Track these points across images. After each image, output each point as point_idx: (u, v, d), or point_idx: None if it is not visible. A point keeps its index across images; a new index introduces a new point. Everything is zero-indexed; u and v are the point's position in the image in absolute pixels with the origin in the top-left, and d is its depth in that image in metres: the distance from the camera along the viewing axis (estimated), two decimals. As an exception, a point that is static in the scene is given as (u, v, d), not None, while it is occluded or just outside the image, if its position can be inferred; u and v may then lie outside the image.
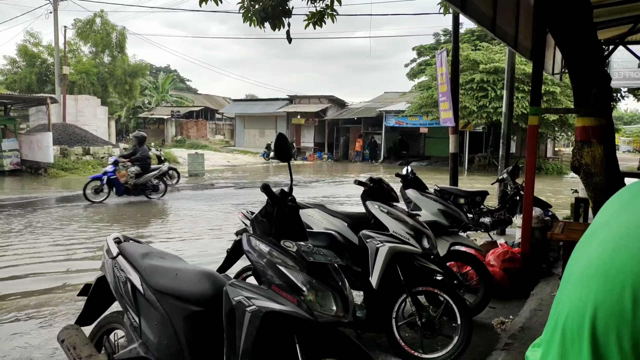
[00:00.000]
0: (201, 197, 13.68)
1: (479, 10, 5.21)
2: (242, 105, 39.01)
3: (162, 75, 44.68)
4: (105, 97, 31.08)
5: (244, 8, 6.14)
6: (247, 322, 1.91)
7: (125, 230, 8.56)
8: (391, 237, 3.32)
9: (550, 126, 22.88)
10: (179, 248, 7.22)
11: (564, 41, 4.39)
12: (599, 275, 0.51)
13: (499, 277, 4.63)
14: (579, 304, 0.51)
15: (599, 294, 0.49)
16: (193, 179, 18.59)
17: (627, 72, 14.33)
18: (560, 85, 19.93)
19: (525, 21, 6.51)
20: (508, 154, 8.52)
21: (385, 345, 3.40)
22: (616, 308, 0.47)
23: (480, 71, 22.23)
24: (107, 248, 2.71)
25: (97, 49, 30.69)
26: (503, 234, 7.34)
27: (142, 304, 2.35)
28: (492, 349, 3.39)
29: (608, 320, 0.48)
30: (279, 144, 2.23)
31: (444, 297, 3.30)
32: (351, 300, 2.05)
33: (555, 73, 8.84)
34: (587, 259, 0.56)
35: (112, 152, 20.77)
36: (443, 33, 31.61)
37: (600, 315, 0.48)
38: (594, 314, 0.49)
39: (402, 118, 28.79)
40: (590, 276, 0.52)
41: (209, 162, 23.13)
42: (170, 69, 56.57)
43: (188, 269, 2.42)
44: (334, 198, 13.46)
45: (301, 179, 19.42)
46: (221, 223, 9.39)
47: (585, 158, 4.18)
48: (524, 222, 4.83)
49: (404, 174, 4.60)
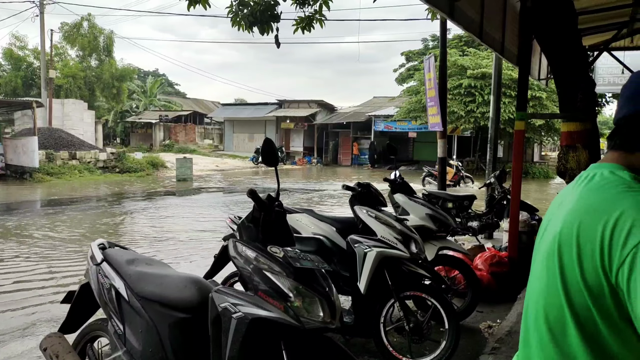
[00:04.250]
0: (189, 202, 13.59)
1: (467, 16, 5.26)
2: (231, 109, 38.91)
3: (151, 79, 44.39)
4: (92, 101, 30.80)
5: (232, 12, 6.13)
6: (233, 328, 1.89)
7: (107, 237, 8.46)
8: (379, 241, 3.31)
9: (537, 131, 23.15)
10: (166, 254, 7.15)
11: (550, 47, 4.44)
12: (563, 228, 0.85)
13: (486, 281, 4.65)
14: (551, 234, 0.88)
15: (562, 235, 0.85)
16: (181, 184, 18.47)
17: (611, 78, 14.57)
18: (546, 91, 20.20)
19: (511, 27, 6.59)
20: (495, 158, 8.60)
21: (374, 350, 3.39)
22: (568, 237, 0.83)
23: (468, 76, 22.46)
24: (91, 254, 2.66)
25: (84, 52, 30.40)
26: (491, 238, 7.39)
27: (127, 311, 2.32)
28: (479, 353, 3.39)
29: (566, 241, 0.84)
30: (266, 148, 2.22)
31: (431, 301, 3.30)
32: (338, 306, 2.03)
33: (541, 79, 8.95)
34: (552, 229, 0.89)
35: (99, 156, 20.57)
36: (431, 39, 31.89)
37: (563, 239, 0.85)
38: (560, 240, 0.85)
39: (391, 122, 28.93)
40: (556, 231, 0.86)
41: (197, 166, 23.00)
42: (158, 73, 56.23)
43: (174, 276, 2.39)
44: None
45: (297, 185, 19.38)
46: (209, 228, 9.33)
47: (571, 162, 4.23)
48: (511, 226, 4.86)
49: (392, 178, 4.61)
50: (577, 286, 0.81)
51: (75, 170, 19.04)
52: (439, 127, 7.83)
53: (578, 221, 0.81)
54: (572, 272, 0.82)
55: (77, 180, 18.03)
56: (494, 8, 6.05)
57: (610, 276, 0.76)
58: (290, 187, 17.90)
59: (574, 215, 0.83)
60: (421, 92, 22.96)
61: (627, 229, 0.74)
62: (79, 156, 19.97)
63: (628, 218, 0.75)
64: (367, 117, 30.74)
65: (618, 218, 0.76)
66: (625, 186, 0.82)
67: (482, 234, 7.24)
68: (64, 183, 17.21)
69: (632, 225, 0.74)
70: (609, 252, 0.75)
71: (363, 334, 3.43)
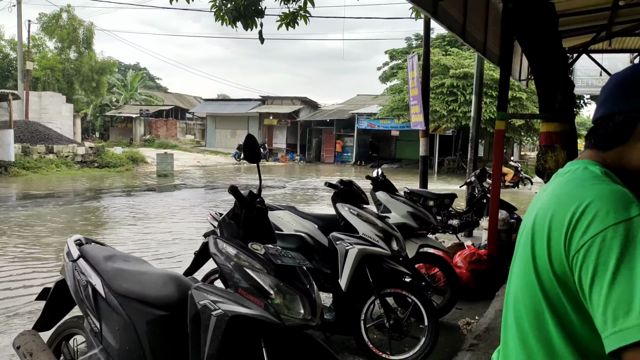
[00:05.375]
0: (169, 197, 13.44)
1: (450, 16, 5.30)
2: (214, 105, 38.56)
3: (131, 73, 43.68)
4: (70, 94, 30.18)
5: (215, 7, 6.07)
6: (213, 326, 1.87)
7: (84, 233, 8.31)
8: (361, 239, 3.32)
9: (517, 131, 23.53)
10: (145, 251, 7.06)
11: (531, 48, 4.50)
12: (537, 218, 0.88)
13: (465, 278, 4.70)
14: (527, 226, 0.91)
15: (535, 225, 0.88)
16: (162, 179, 18.24)
17: (589, 80, 14.89)
18: (526, 91, 20.52)
19: (494, 28, 6.67)
20: (476, 157, 8.71)
21: (354, 347, 3.40)
22: (541, 227, 0.85)
23: (451, 76, 22.68)
24: (67, 250, 2.61)
25: (63, 44, 29.77)
26: (470, 235, 7.49)
27: (104, 308, 2.27)
28: (458, 350, 3.43)
29: (538, 231, 0.86)
30: (248, 145, 2.20)
31: (412, 298, 3.32)
32: (319, 304, 2.03)
33: (521, 79, 9.09)
34: (528, 222, 0.92)
35: (77, 150, 20.18)
36: (415, 37, 32.13)
37: (536, 229, 0.87)
38: (533, 230, 0.88)
39: (374, 121, 29.04)
40: (530, 223, 0.90)
41: (178, 162, 22.75)
42: (139, 67, 55.39)
43: (153, 272, 2.35)
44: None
45: (280, 181, 19.32)
46: (189, 224, 9.23)
47: (549, 162, 4.30)
48: (490, 224, 4.93)
49: (374, 176, 4.62)
50: (548, 274, 0.83)
51: (52, 164, 18.64)
52: (422, 125, 7.88)
53: (551, 211, 0.84)
54: (543, 260, 0.84)
55: (54, 175, 17.65)
56: (477, 9, 6.11)
57: (569, 261, 0.79)
58: (272, 183, 17.84)
59: (546, 206, 0.86)
60: (404, 90, 23.12)
61: (589, 219, 0.77)
62: (57, 150, 19.54)
63: (592, 209, 0.77)
64: (351, 115, 30.81)
65: (585, 207, 0.78)
66: (595, 179, 0.85)
67: (462, 232, 7.33)
68: (41, 177, 16.84)
69: (594, 216, 0.76)
70: (571, 238, 0.78)
71: (344, 331, 3.44)
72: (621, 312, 0.70)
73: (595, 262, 0.74)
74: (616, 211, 0.76)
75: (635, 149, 0.88)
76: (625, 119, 0.88)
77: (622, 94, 0.90)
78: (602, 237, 0.74)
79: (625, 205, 0.77)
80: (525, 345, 0.89)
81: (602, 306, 0.72)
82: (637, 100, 0.87)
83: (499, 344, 1.02)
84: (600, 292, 0.73)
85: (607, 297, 0.72)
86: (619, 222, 0.74)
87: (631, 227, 0.74)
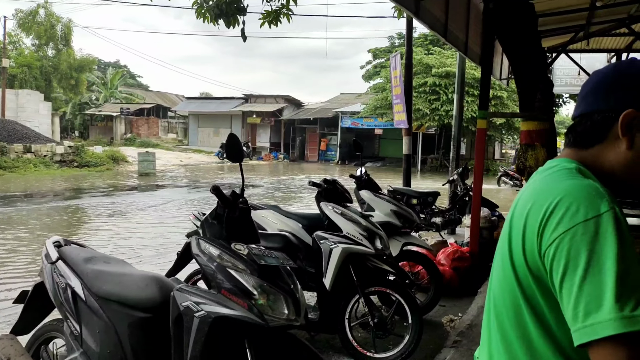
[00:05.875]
0: (151, 197, 13.28)
1: (432, 15, 5.33)
2: (196, 103, 38.18)
3: (111, 71, 42.97)
4: (48, 92, 29.56)
5: (197, 4, 6.00)
6: (196, 328, 1.85)
7: (63, 234, 8.16)
8: (345, 238, 3.33)
9: (498, 129, 23.84)
10: (126, 252, 6.96)
11: (511, 48, 4.56)
12: (514, 215, 0.89)
13: (448, 275, 4.75)
14: (504, 230, 0.92)
15: (512, 222, 0.89)
16: (143, 179, 18.01)
17: (568, 79, 15.14)
18: (507, 90, 20.80)
19: (475, 28, 6.74)
20: (458, 155, 8.80)
21: (339, 346, 3.40)
22: (518, 223, 0.86)
23: (433, 75, 22.86)
24: (45, 252, 2.55)
25: (40, 41, 29.14)
26: (453, 233, 7.56)
27: (84, 311, 2.23)
28: (441, 347, 3.47)
29: (515, 226, 0.87)
30: (231, 144, 2.18)
31: (395, 297, 3.34)
32: (303, 303, 2.02)
33: (502, 78, 9.21)
34: (507, 220, 0.92)
35: (56, 150, 19.78)
36: (398, 36, 32.29)
37: (514, 225, 0.88)
38: (510, 226, 0.89)
39: (357, 119, 29.12)
40: (508, 220, 0.92)
41: (160, 161, 22.48)
42: (119, 64, 54.52)
43: (134, 274, 2.32)
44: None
45: (263, 180, 19.23)
46: (172, 224, 9.13)
47: (530, 160, 4.37)
48: (473, 222, 4.98)
49: (358, 175, 4.63)
50: (524, 270, 0.85)
51: (30, 164, 18.24)
52: (405, 124, 7.93)
53: (527, 208, 0.85)
54: (519, 256, 0.85)
55: (32, 175, 17.28)
56: (458, 8, 6.16)
57: (541, 257, 0.80)
58: (256, 182, 17.76)
59: (523, 204, 0.87)
60: (387, 89, 23.23)
61: (560, 215, 0.78)
62: (34, 149, 19.13)
63: (563, 204, 0.78)
64: (334, 114, 30.83)
65: (557, 203, 0.79)
66: (569, 175, 0.86)
67: (446, 230, 7.40)
68: (18, 177, 16.47)
69: (565, 212, 0.78)
70: (542, 234, 0.80)
71: (328, 330, 3.44)
72: (592, 307, 0.71)
73: (565, 259, 0.75)
74: (586, 207, 0.77)
75: (612, 148, 0.89)
76: (603, 118, 0.89)
77: (601, 92, 0.90)
78: (572, 234, 0.75)
79: (596, 201, 0.77)
80: (506, 341, 0.90)
81: (572, 301, 0.73)
82: (616, 100, 0.87)
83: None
84: (571, 288, 0.74)
85: (578, 293, 0.73)
86: (589, 219, 0.75)
87: (600, 223, 0.75)
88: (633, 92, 0.86)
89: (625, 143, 0.87)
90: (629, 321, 0.68)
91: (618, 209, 0.78)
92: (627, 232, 0.76)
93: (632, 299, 0.70)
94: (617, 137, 0.87)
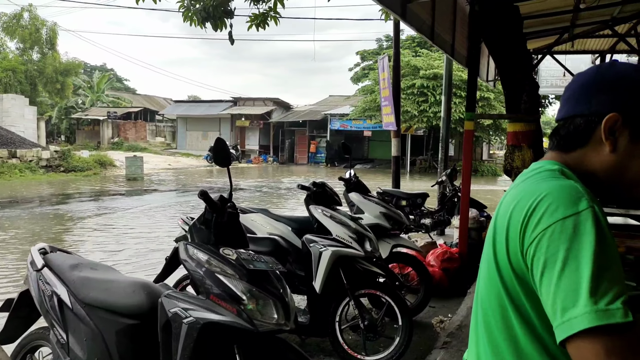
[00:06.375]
0: (139, 202, 13.16)
1: (419, 18, 5.37)
2: (184, 106, 37.95)
3: (98, 74, 42.55)
4: (34, 97, 29.19)
5: (183, 7, 5.97)
6: (184, 334, 1.84)
7: (49, 241, 8.06)
8: (334, 241, 3.32)
9: (485, 130, 24.02)
10: (114, 258, 6.89)
11: (497, 50, 4.60)
12: (498, 217, 0.90)
13: (438, 277, 4.77)
14: (490, 231, 0.92)
15: (497, 223, 0.89)
16: (131, 183, 17.85)
17: (554, 80, 15.33)
18: (494, 92, 20.99)
19: (461, 30, 6.80)
20: (447, 156, 8.85)
21: (329, 349, 3.40)
22: (502, 224, 0.87)
23: (421, 77, 22.98)
24: (31, 259, 2.52)
25: (24, 45, 28.79)
26: (443, 234, 7.60)
27: (70, 318, 2.21)
28: (432, 348, 3.48)
29: (499, 228, 0.87)
30: (218, 148, 2.16)
31: (386, 299, 3.35)
32: (292, 308, 2.01)
33: (489, 80, 9.30)
34: (492, 222, 0.93)
35: (42, 154, 19.53)
36: (385, 39, 32.43)
37: (498, 226, 0.88)
38: (495, 228, 0.90)
39: (346, 121, 29.17)
40: (493, 222, 0.92)
41: (148, 165, 22.30)
42: (106, 68, 54.03)
43: (121, 280, 2.29)
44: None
45: (253, 183, 19.15)
46: (160, 229, 9.06)
47: (517, 161, 4.41)
48: (461, 223, 5.01)
49: (347, 177, 4.64)
50: (508, 271, 0.85)
51: (15, 169, 17.97)
52: (393, 126, 7.96)
53: (510, 210, 0.86)
54: (503, 257, 0.86)
55: (18, 180, 17.04)
56: (444, 11, 6.21)
57: (523, 256, 0.81)
58: (245, 185, 17.69)
59: (507, 206, 0.88)
60: (376, 91, 23.30)
61: (540, 213, 0.79)
62: (20, 154, 18.86)
63: (544, 204, 0.79)
64: (323, 116, 30.86)
65: (537, 203, 0.80)
66: (550, 176, 0.88)
67: (435, 231, 7.43)
68: (3, 183, 16.22)
69: (545, 210, 0.79)
70: (524, 233, 0.81)
71: (319, 334, 3.43)
72: (568, 302, 0.72)
73: (544, 256, 0.76)
74: (565, 205, 0.78)
75: (595, 152, 0.89)
76: (586, 122, 0.89)
77: (583, 95, 0.90)
78: (551, 231, 0.76)
79: (575, 199, 0.78)
80: (493, 343, 0.90)
81: (551, 298, 0.74)
82: (598, 103, 0.88)
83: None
84: (549, 284, 0.75)
85: (556, 289, 0.73)
86: (568, 216, 0.76)
87: (579, 221, 0.76)
88: (614, 94, 0.87)
89: (608, 147, 0.87)
90: (603, 314, 0.69)
91: (597, 207, 0.78)
92: (606, 229, 0.77)
93: (610, 293, 0.70)
94: (600, 140, 0.88)
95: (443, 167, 8.52)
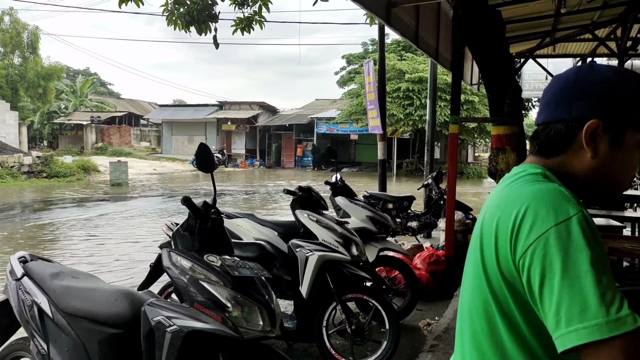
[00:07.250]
0: (124, 207, 12.99)
1: (403, 22, 5.40)
2: (170, 110, 37.67)
3: (81, 79, 42.02)
4: (15, 101, 28.68)
5: (167, 11, 5.93)
6: (168, 343, 1.81)
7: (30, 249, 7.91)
8: (320, 245, 3.31)
9: (470, 133, 24.27)
10: (97, 266, 6.78)
11: (480, 54, 4.65)
12: (484, 223, 0.89)
13: (425, 279, 4.78)
14: (475, 237, 0.92)
15: (483, 229, 0.89)
16: (115, 189, 17.62)
17: (536, 84, 15.53)
18: (478, 95, 21.22)
19: (445, 34, 6.86)
20: (432, 159, 8.90)
21: (317, 354, 3.38)
22: (488, 231, 0.86)
23: (406, 80, 23.15)
24: (10, 268, 2.46)
25: (5, 49, 28.31)
26: (429, 237, 7.63)
27: (51, 328, 2.16)
28: (419, 351, 3.48)
29: (486, 234, 0.87)
30: (201, 154, 2.14)
31: (373, 303, 3.34)
32: (278, 314, 2.00)
33: (473, 84, 9.40)
34: (477, 227, 0.93)
35: (23, 160, 19.19)
36: (371, 43, 32.59)
37: (484, 232, 0.88)
38: (481, 234, 0.89)
39: (333, 125, 29.24)
40: (478, 227, 0.92)
41: (133, 170, 22.06)
42: (89, 72, 53.37)
43: (103, 289, 2.25)
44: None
45: (238, 188, 19.04)
46: (145, 235, 8.95)
47: (501, 164, 4.45)
48: (447, 225, 5.03)
49: (333, 181, 4.63)
50: (496, 276, 0.84)
51: (-4, 175, 17.65)
52: (379, 129, 7.99)
53: (497, 215, 0.85)
54: (491, 264, 0.85)
55: (-1, 187, 16.72)
56: (428, 16, 6.26)
57: (515, 264, 0.80)
58: (231, 190, 17.59)
59: (492, 211, 0.87)
60: (362, 95, 23.38)
61: (531, 221, 0.78)
62: (1, 161, 18.53)
63: (532, 210, 0.79)
64: (310, 120, 30.89)
65: (526, 209, 0.79)
66: (533, 180, 0.87)
67: (421, 234, 7.46)
68: (-16, 190, 15.90)
69: (535, 218, 0.78)
70: (516, 241, 0.80)
71: (306, 339, 3.41)
72: (575, 311, 0.71)
73: (542, 265, 0.75)
74: (555, 211, 0.77)
75: (576, 157, 0.89)
76: (566, 127, 0.88)
77: (563, 100, 0.89)
78: (545, 240, 0.76)
79: (563, 204, 0.78)
80: (479, 349, 0.89)
81: (554, 308, 0.73)
82: (578, 109, 0.87)
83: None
84: (551, 295, 0.74)
85: (559, 298, 0.73)
86: (559, 223, 0.76)
87: (571, 226, 0.75)
88: (594, 100, 0.86)
89: (590, 152, 0.87)
90: (616, 324, 0.69)
91: (585, 210, 0.78)
92: (596, 232, 0.77)
93: (616, 300, 0.71)
94: (581, 146, 0.87)
95: (429, 170, 8.57)
